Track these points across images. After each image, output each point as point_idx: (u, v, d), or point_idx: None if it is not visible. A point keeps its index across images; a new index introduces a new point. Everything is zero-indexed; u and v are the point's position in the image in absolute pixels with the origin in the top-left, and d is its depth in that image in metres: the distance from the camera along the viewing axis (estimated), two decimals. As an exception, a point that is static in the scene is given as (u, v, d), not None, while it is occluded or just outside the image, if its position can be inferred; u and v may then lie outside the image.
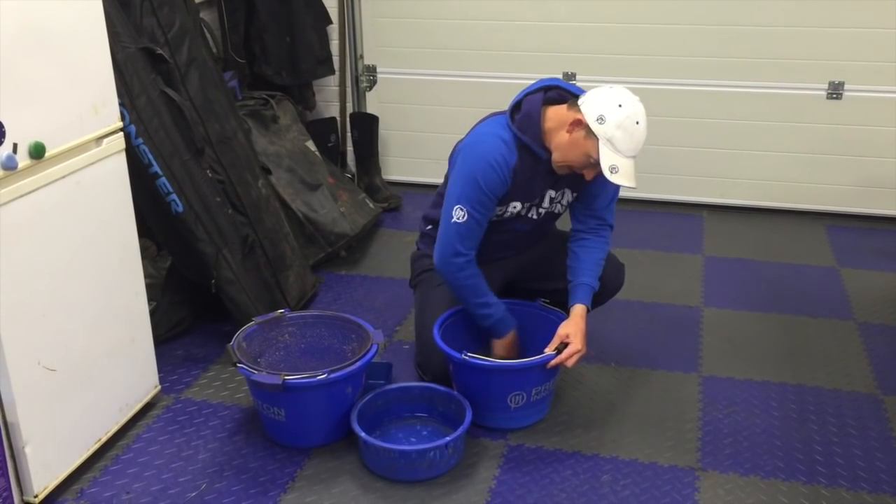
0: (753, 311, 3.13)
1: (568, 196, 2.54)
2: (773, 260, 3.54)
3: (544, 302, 2.61)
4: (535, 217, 2.54)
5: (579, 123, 2.27)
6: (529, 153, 2.37)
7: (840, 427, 2.49)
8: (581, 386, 2.69)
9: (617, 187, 2.54)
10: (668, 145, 3.99)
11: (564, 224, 2.67)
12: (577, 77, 3.94)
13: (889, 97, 3.69)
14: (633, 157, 2.27)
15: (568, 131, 2.30)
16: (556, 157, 2.35)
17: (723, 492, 2.24)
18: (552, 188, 2.49)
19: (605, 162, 2.23)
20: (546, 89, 2.39)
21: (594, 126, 2.24)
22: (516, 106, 2.40)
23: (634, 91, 4.02)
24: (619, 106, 2.24)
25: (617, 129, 2.22)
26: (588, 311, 2.48)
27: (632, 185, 2.27)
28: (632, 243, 3.65)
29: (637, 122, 2.25)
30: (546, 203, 2.52)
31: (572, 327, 2.42)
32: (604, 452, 2.39)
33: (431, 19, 4.05)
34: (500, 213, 2.48)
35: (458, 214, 2.38)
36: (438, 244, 2.46)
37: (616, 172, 2.24)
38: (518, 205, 2.48)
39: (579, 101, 2.29)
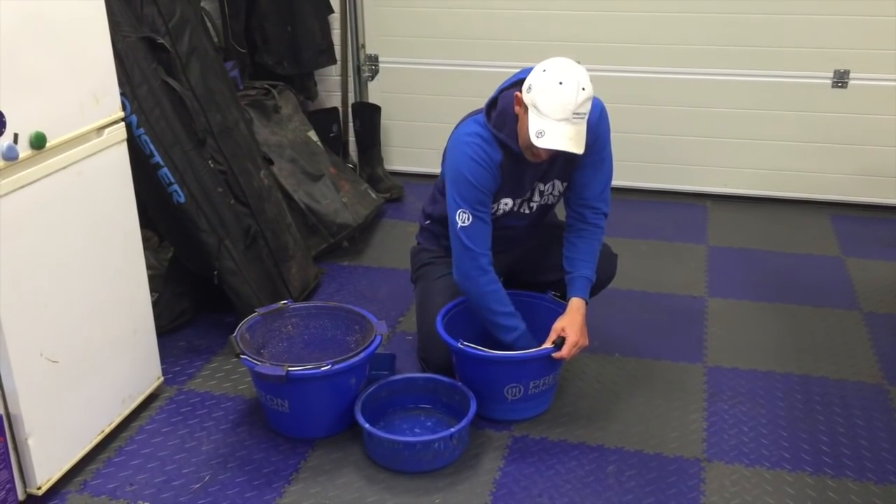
0: (758, 301, 3.12)
1: (558, 186, 2.52)
2: (778, 249, 3.53)
3: (554, 295, 2.59)
4: (527, 212, 2.53)
5: (518, 99, 2.26)
6: (509, 150, 2.35)
7: (846, 417, 2.48)
8: (585, 377, 2.68)
9: (607, 175, 2.51)
10: (672, 134, 3.98)
11: (560, 211, 2.65)
12: (581, 66, 3.92)
13: (894, 86, 3.67)
14: (565, 119, 2.17)
15: (516, 112, 2.29)
16: (521, 142, 2.31)
17: (728, 482, 2.23)
18: (540, 181, 2.47)
19: (532, 127, 2.18)
20: (522, 82, 2.34)
21: (525, 96, 2.22)
22: (493, 103, 2.38)
23: (639, 80, 4.00)
24: (544, 71, 2.21)
25: (540, 93, 2.18)
26: (586, 303, 2.46)
27: (563, 148, 2.17)
28: (635, 233, 3.64)
29: (560, 83, 2.17)
30: (536, 196, 2.51)
31: (568, 321, 2.40)
32: (608, 443, 2.38)
33: (433, 8, 4.03)
34: (493, 210, 2.46)
35: (462, 218, 2.36)
36: (455, 255, 2.42)
37: (542, 136, 2.17)
38: (509, 201, 2.47)
39: None
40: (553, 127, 2.17)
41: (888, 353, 2.79)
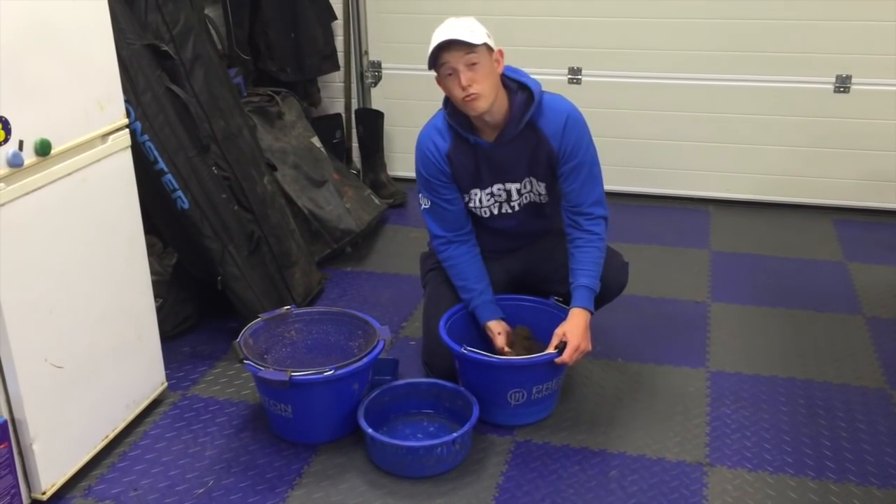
0: (761, 306, 3.12)
1: (537, 186, 2.52)
2: (781, 254, 3.53)
3: (556, 300, 2.60)
4: (510, 211, 2.55)
5: (438, 81, 2.39)
6: (461, 138, 2.44)
7: (849, 422, 2.48)
8: (588, 382, 2.68)
9: (592, 179, 2.47)
10: (673, 140, 3.99)
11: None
12: (583, 72, 3.93)
13: (897, 90, 3.68)
14: (449, 33, 2.29)
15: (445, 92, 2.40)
16: (458, 107, 2.39)
17: (731, 487, 2.23)
18: (511, 182, 2.49)
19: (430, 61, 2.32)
20: None
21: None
22: None
23: (640, 85, 4.00)
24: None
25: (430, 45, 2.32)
26: (591, 312, 2.44)
27: (449, 36, 2.27)
28: (638, 238, 3.65)
29: (436, 31, 2.33)
30: (515, 195, 2.53)
31: (569, 326, 2.40)
32: (611, 448, 2.38)
33: (436, 14, 3.98)
34: (467, 201, 2.54)
35: (423, 202, 2.55)
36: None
37: (433, 48, 2.29)
38: (477, 191, 2.52)
39: None
40: (439, 36, 2.30)
41: (891, 358, 2.79)
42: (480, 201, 2.53)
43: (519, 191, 2.52)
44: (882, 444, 2.38)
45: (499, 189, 2.51)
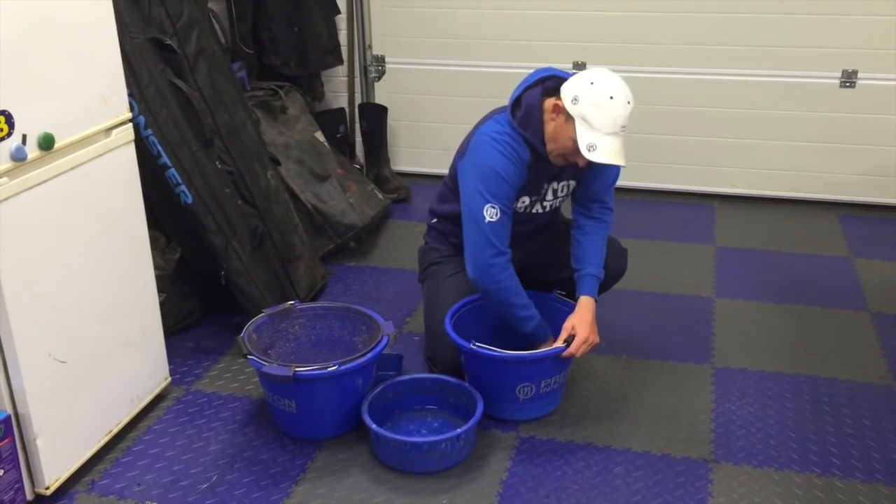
0: (766, 302, 3.11)
1: (572, 185, 2.55)
2: (786, 250, 3.52)
3: (560, 294, 2.59)
4: (541, 211, 2.56)
5: (559, 109, 2.27)
6: (535, 150, 2.37)
7: (855, 419, 2.47)
8: (592, 377, 2.67)
9: (617, 170, 2.51)
10: (679, 135, 3.97)
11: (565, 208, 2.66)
12: (588, 66, 3.91)
13: (903, 85, 3.66)
14: (614, 133, 2.22)
15: (552, 119, 2.30)
16: (549, 147, 2.34)
17: (736, 484, 2.22)
18: (555, 180, 2.49)
19: (583, 141, 2.21)
20: (543, 80, 2.37)
21: (570, 107, 2.23)
22: (517, 102, 2.39)
23: (645, 80, 4.00)
24: (591, 83, 2.23)
25: (590, 107, 2.20)
26: (595, 301, 2.46)
27: (614, 162, 2.23)
28: (643, 234, 3.64)
29: (611, 97, 2.21)
30: (550, 196, 2.53)
31: (578, 319, 2.41)
32: (616, 444, 2.37)
33: (440, 8, 4.03)
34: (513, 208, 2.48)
35: (491, 213, 2.34)
36: (474, 250, 2.39)
37: (594, 150, 2.21)
38: (526, 199, 2.49)
39: (561, 87, 2.29)
40: (604, 141, 2.21)
41: (897, 354, 2.79)
42: (522, 201, 2.49)
43: (555, 191, 2.52)
44: (888, 440, 2.38)
45: (544, 187, 2.50)
